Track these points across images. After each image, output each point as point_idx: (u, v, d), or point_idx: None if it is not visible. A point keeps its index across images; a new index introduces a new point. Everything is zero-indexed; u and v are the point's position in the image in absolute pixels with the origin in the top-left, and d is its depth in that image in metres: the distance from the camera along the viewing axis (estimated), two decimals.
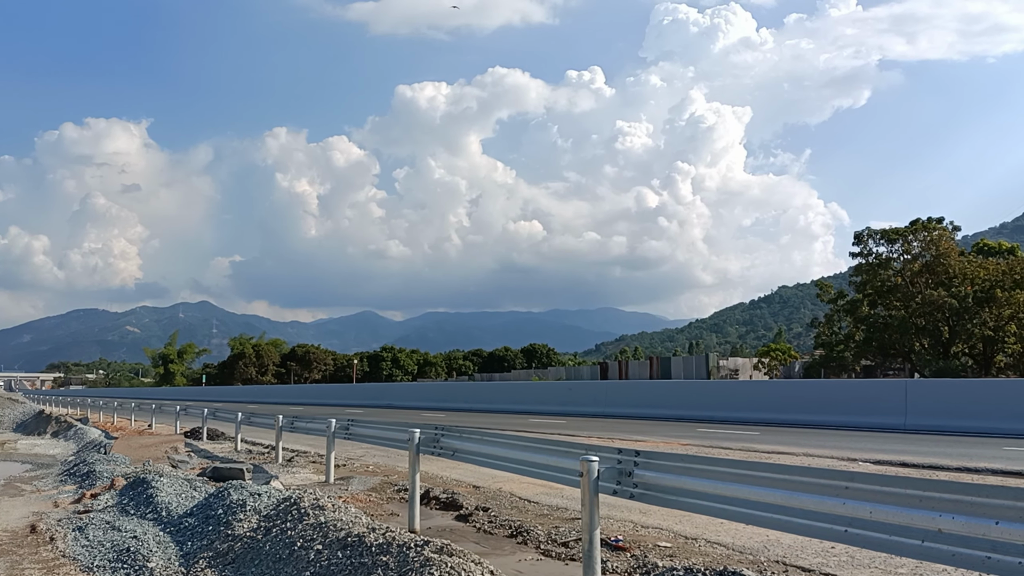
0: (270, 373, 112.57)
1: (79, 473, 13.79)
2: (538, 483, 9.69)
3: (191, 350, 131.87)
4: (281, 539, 5.61)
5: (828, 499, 3.48)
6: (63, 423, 29.82)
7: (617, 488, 4.84)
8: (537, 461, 6.21)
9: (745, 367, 70.79)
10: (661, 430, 18.64)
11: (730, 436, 16.58)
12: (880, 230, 52.20)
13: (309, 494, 6.48)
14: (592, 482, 4.73)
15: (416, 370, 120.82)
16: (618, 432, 18.06)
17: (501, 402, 32.13)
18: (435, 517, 8.18)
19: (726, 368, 69.62)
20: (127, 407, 30.98)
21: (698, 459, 4.60)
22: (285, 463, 13.51)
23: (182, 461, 14.17)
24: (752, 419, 20.68)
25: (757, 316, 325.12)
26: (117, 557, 6.65)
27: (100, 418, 32.11)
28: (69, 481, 13.36)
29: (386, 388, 54.56)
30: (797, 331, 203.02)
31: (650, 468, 4.71)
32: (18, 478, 14.84)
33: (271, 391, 69.95)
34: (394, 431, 9.50)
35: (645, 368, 70.14)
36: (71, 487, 12.55)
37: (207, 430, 19.71)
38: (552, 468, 5.95)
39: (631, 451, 4.92)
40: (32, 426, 32.77)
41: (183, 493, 8.75)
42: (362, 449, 14.88)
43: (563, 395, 30.73)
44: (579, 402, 28.15)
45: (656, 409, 24.33)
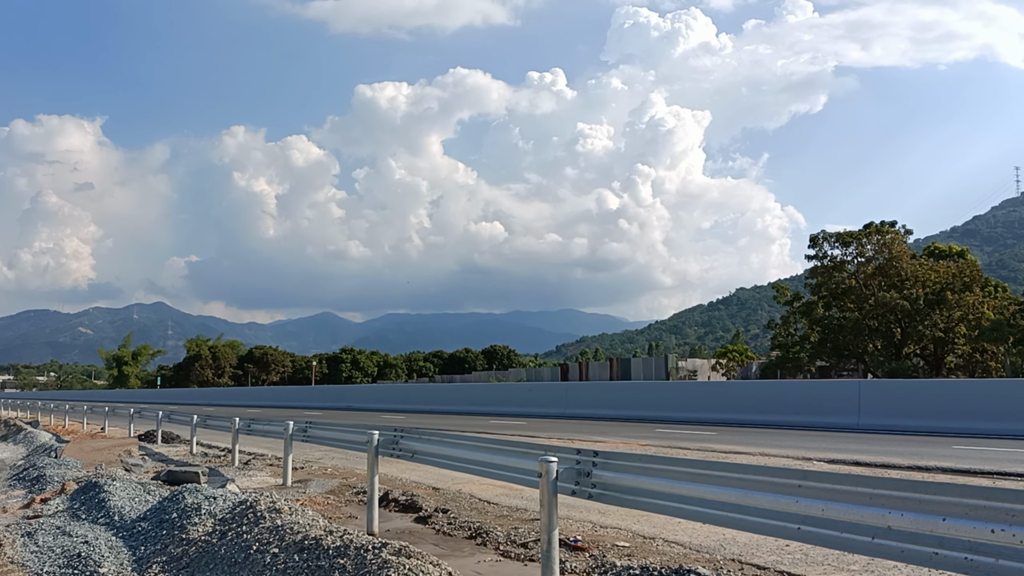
0: (227, 375, 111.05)
1: (28, 477, 13.42)
2: (498, 484, 9.69)
3: (146, 352, 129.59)
4: (237, 543, 5.53)
5: (782, 497, 3.54)
6: (12, 426, 29.04)
7: (576, 488, 4.86)
8: (496, 462, 6.21)
9: (703, 368, 71.69)
10: (621, 431, 18.77)
11: (688, 436, 16.76)
12: (835, 233, 53.34)
13: (265, 497, 6.40)
14: (551, 483, 4.74)
15: (376, 372, 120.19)
16: (578, 433, 18.15)
17: (461, 403, 32.12)
18: (394, 519, 8.14)
19: (685, 369, 70.44)
20: (79, 410, 30.29)
21: (656, 459, 4.64)
22: (242, 466, 13.34)
23: (136, 465, 13.89)
24: (710, 419, 20.93)
25: (716, 318, 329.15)
26: (68, 563, 6.49)
27: (51, 421, 31.39)
28: (18, 486, 13.00)
29: (345, 390, 54.13)
30: (755, 332, 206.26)
31: (608, 468, 4.74)
32: None
33: (228, 393, 68.97)
34: (353, 433, 9.43)
35: (605, 369, 70.58)
36: (20, 492, 12.21)
37: (162, 433, 19.36)
38: (511, 469, 5.96)
39: (589, 451, 4.95)
40: None
41: (136, 497, 8.58)
42: (321, 451, 14.75)
43: (524, 396, 30.81)
44: (540, 403, 28.24)
45: (616, 410, 24.50)
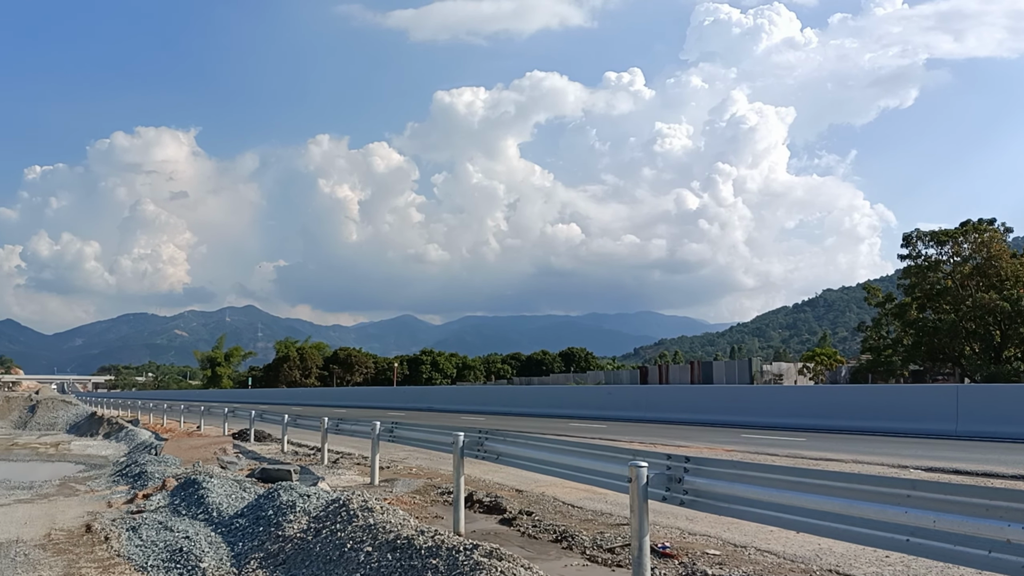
0: (313, 376, 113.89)
1: (131, 474, 14.08)
2: (581, 487, 9.67)
3: (237, 353, 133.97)
4: (331, 540, 5.67)
5: (889, 507, 3.41)
6: (114, 425, 30.48)
7: (667, 494, 4.79)
8: (583, 466, 6.18)
9: (789, 372, 69.81)
10: (704, 435, 18.45)
11: (775, 442, 16.35)
12: (929, 232, 51.17)
13: (357, 496, 6.54)
14: (641, 488, 4.69)
15: (455, 373, 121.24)
16: (660, 437, 17.92)
17: (540, 406, 32.11)
18: (479, 520, 8.19)
19: (770, 373, 68.71)
20: (176, 409, 31.58)
21: (751, 466, 4.54)
22: (331, 465, 13.66)
23: (231, 462, 14.39)
24: (797, 425, 20.37)
25: (801, 320, 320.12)
26: (170, 557, 6.77)
27: (150, 420, 32.78)
28: (122, 482, 13.65)
29: (426, 391, 54.85)
30: (843, 335, 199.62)
31: (701, 474, 4.66)
32: (72, 478, 15.21)
33: (314, 394, 70.79)
34: (438, 434, 9.54)
35: (686, 372, 69.54)
36: (124, 488, 12.82)
37: (254, 432, 20.00)
38: (598, 473, 5.92)
39: (681, 457, 4.87)
40: (85, 428, 33.57)
41: (233, 494, 8.88)
42: (405, 452, 14.98)
43: (602, 399, 30.60)
44: (619, 406, 28.00)
45: (698, 414, 24.09)
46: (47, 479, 14.95)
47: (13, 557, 7.62)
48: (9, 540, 8.52)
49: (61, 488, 13.37)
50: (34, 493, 12.64)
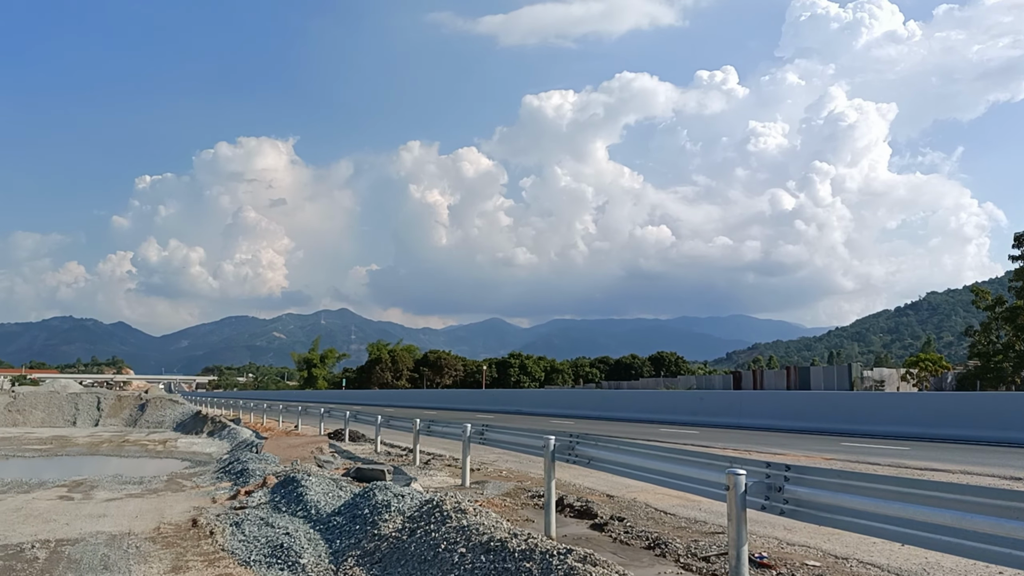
0: (404, 378, 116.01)
1: (233, 471, 14.64)
2: (673, 494, 9.52)
3: (332, 355, 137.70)
4: (426, 541, 5.75)
5: (1008, 522, 3.23)
6: (218, 423, 31.72)
7: (766, 503, 4.68)
8: (676, 472, 6.09)
9: (892, 378, 67.07)
10: (801, 443, 17.92)
11: (877, 451, 15.72)
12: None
13: (450, 497, 6.62)
14: (739, 496, 4.59)
15: (543, 377, 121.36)
16: (754, 444, 17.49)
17: (629, 410, 31.80)
18: (570, 525, 8.17)
19: (871, 379, 66.13)
20: (275, 409, 32.66)
21: (856, 475, 4.37)
22: (422, 465, 13.87)
23: (327, 461, 14.78)
24: (900, 433, 19.54)
25: (903, 324, 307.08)
26: (272, 553, 7.01)
27: (251, 419, 33.99)
28: (225, 478, 14.20)
29: (514, 394, 55.09)
30: (948, 340, 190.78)
31: (802, 483, 4.52)
32: (179, 474, 15.91)
33: (406, 395, 72.07)
34: (528, 437, 9.56)
35: (782, 378, 67.57)
36: (227, 484, 13.34)
37: (349, 432, 20.50)
38: (692, 480, 5.82)
39: (781, 465, 4.74)
40: (190, 426, 35.05)
41: (330, 492, 9.13)
42: (495, 454, 15.08)
43: (694, 404, 30.06)
44: (711, 412, 27.46)
45: (794, 421, 23.41)
46: (156, 475, 15.68)
47: (126, 549, 8.03)
48: (122, 532, 8.99)
49: (169, 484, 13.99)
50: (144, 488, 13.28)
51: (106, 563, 7.41)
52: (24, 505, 11.34)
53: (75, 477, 15.21)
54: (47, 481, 14.38)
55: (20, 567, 7.28)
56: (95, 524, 9.62)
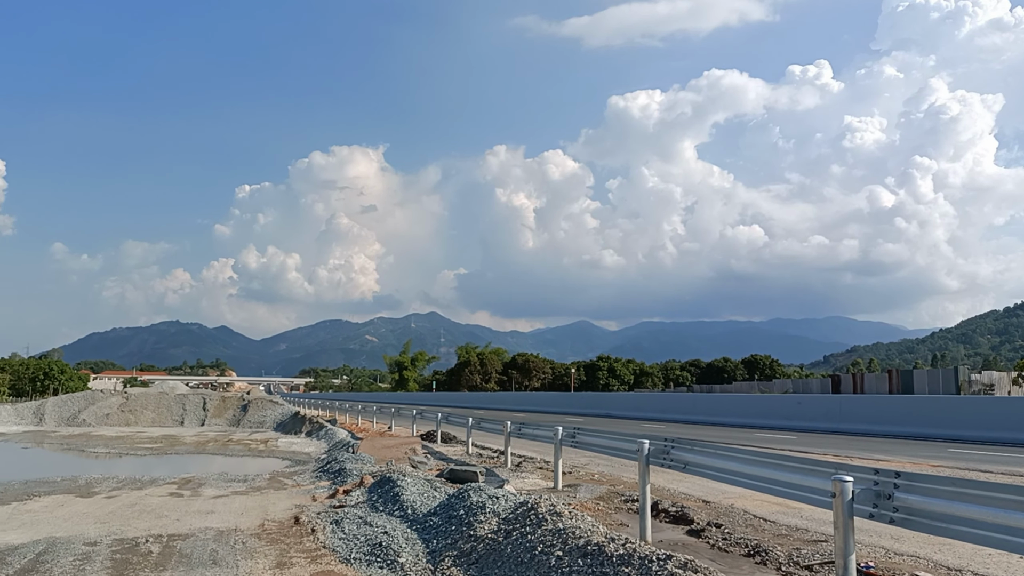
0: (493, 380, 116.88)
1: (331, 470, 15.06)
2: (773, 501, 9.28)
3: (422, 358, 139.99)
4: (522, 543, 5.77)
5: None
6: (315, 424, 32.68)
7: (874, 512, 4.50)
8: (777, 478, 5.92)
9: (1002, 382, 63.57)
10: (904, 449, 17.18)
11: (988, 458, 14.92)
12: None
13: (545, 499, 6.63)
14: (846, 504, 4.43)
15: (632, 380, 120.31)
16: (855, 450, 16.87)
17: (722, 415, 31.15)
18: (665, 530, 8.05)
19: (979, 383, 62.83)
20: (368, 410, 33.41)
21: (972, 483, 4.15)
22: (514, 468, 13.93)
23: (420, 462, 15.03)
24: (1013, 440, 18.51)
25: (1013, 325, 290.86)
26: (371, 551, 7.16)
27: (346, 420, 34.87)
28: (323, 477, 14.62)
29: (603, 397, 54.71)
30: None
31: (913, 491, 4.33)
32: (280, 473, 16.46)
33: (494, 398, 72.58)
34: (621, 441, 9.48)
35: (883, 382, 64.92)
36: (325, 483, 13.72)
37: (441, 433, 20.78)
38: (794, 486, 5.65)
39: (890, 472, 4.55)
40: (289, 426, 36.22)
41: (425, 493, 9.28)
42: (586, 457, 15.01)
43: (790, 409, 29.18)
44: (808, 417, 26.61)
45: (896, 426, 22.47)
46: (258, 473, 16.27)
47: (233, 544, 8.36)
48: (229, 529, 9.36)
49: (271, 482, 14.49)
50: (248, 486, 13.79)
51: (215, 558, 7.73)
52: (138, 501, 11.94)
53: (184, 475, 15.93)
54: (158, 478, 15.11)
55: (136, 560, 7.67)
56: (203, 520, 10.05)
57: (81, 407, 41.94)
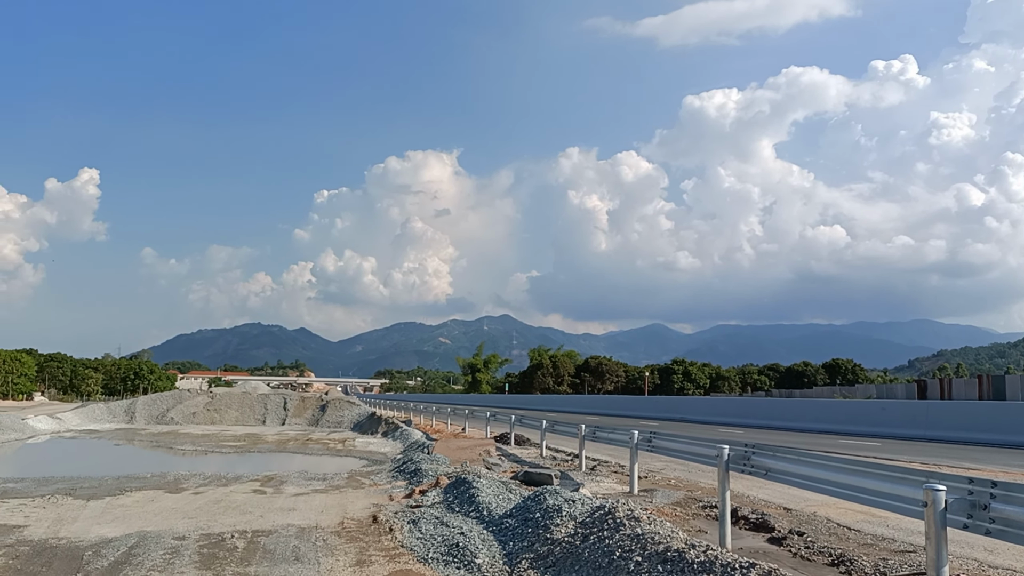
0: (565, 383, 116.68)
1: (407, 470, 15.26)
2: (857, 509, 9.01)
3: (495, 360, 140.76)
4: (599, 547, 5.74)
5: None
6: (391, 424, 33.17)
7: (968, 522, 4.32)
8: (863, 486, 5.74)
9: None
10: (997, 457, 16.45)
11: None
12: None
13: (622, 504, 6.57)
14: (939, 514, 4.26)
15: (708, 384, 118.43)
16: (943, 458, 16.22)
17: (802, 420, 30.36)
18: (745, 538, 7.90)
19: None
20: (443, 412, 33.76)
21: None
22: (588, 471, 13.87)
23: (495, 464, 15.10)
24: None
25: None
26: (448, 551, 7.23)
27: (421, 421, 35.32)
28: (400, 477, 14.83)
29: (678, 401, 53.99)
30: None
31: (1011, 502, 4.14)
32: (358, 472, 16.75)
33: (567, 400, 72.42)
34: (700, 446, 9.33)
35: (973, 387, 62.20)
36: (402, 483, 13.92)
37: (514, 436, 20.84)
38: (882, 495, 5.47)
39: (985, 481, 4.36)
40: (366, 426, 36.85)
41: (500, 495, 9.32)
42: (662, 462, 14.84)
43: (874, 415, 28.26)
44: (892, 423, 25.73)
45: (988, 434, 21.53)
46: (337, 472, 16.60)
47: (314, 541, 8.56)
48: (310, 526, 9.59)
49: (349, 480, 14.77)
50: (327, 484, 14.09)
51: (297, 554, 7.93)
52: (223, 497, 12.34)
53: (266, 472, 16.39)
54: (242, 476, 15.58)
55: (222, 555, 7.92)
56: (285, 517, 10.32)
57: (169, 406, 43.57)
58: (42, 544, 8.53)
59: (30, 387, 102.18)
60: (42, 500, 11.91)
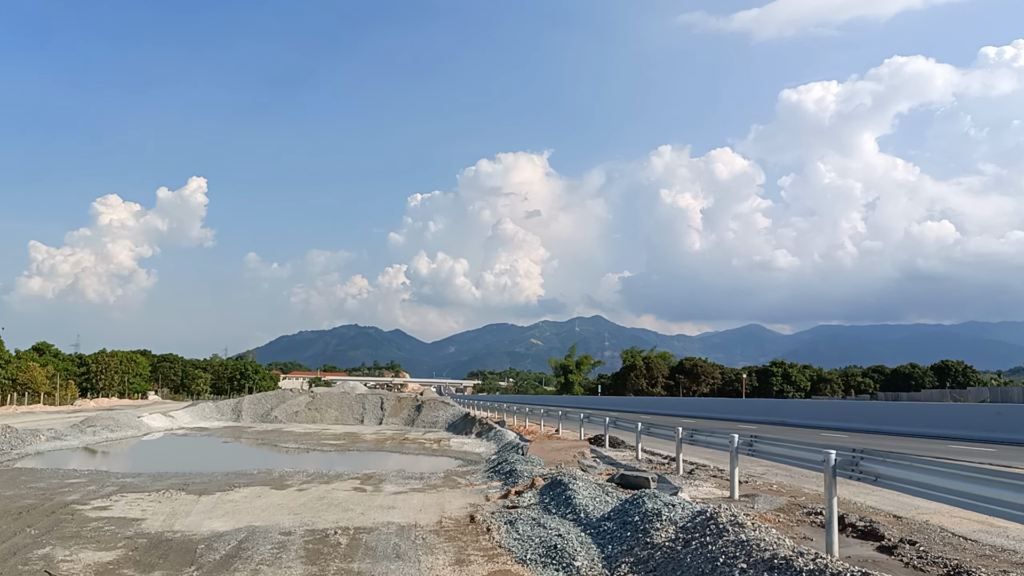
0: (659, 385, 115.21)
1: (502, 471, 15.37)
2: (974, 518, 8.59)
3: (587, 362, 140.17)
4: (702, 553, 5.63)
5: None
6: (485, 425, 33.48)
7: None
8: (983, 494, 5.45)
9: None
10: None
11: None
12: None
13: (725, 509, 6.43)
14: None
15: (809, 387, 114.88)
16: None
17: (910, 424, 29.06)
18: (853, 546, 7.62)
19: None
20: (536, 413, 33.83)
21: None
22: (686, 475, 13.64)
23: (590, 466, 15.03)
24: None
25: None
26: (546, 553, 7.23)
27: (514, 422, 35.50)
28: (495, 478, 14.94)
29: (778, 404, 52.52)
30: None
31: None
32: (454, 472, 16.98)
33: (661, 403, 71.45)
34: (804, 450, 9.05)
35: None
36: (497, 483, 14.02)
37: (608, 438, 20.70)
38: (1003, 503, 5.20)
39: None
40: (460, 427, 37.30)
41: (597, 497, 9.26)
42: (762, 467, 14.47)
43: (988, 419, 26.80)
44: (1009, 428, 24.35)
45: None
46: (433, 471, 16.87)
47: (414, 540, 8.72)
48: (409, 524, 9.78)
49: (446, 480, 14.98)
50: (424, 483, 14.33)
51: (398, 552, 8.09)
52: (326, 495, 12.71)
53: (365, 471, 16.79)
54: (342, 473, 16.02)
55: (326, 551, 8.17)
56: (385, 515, 10.55)
57: (273, 405, 45.21)
58: (158, 537, 8.98)
59: (145, 386, 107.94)
60: (158, 495, 12.54)
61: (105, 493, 12.67)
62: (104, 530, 9.36)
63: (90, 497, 12.17)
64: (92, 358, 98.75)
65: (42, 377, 70.50)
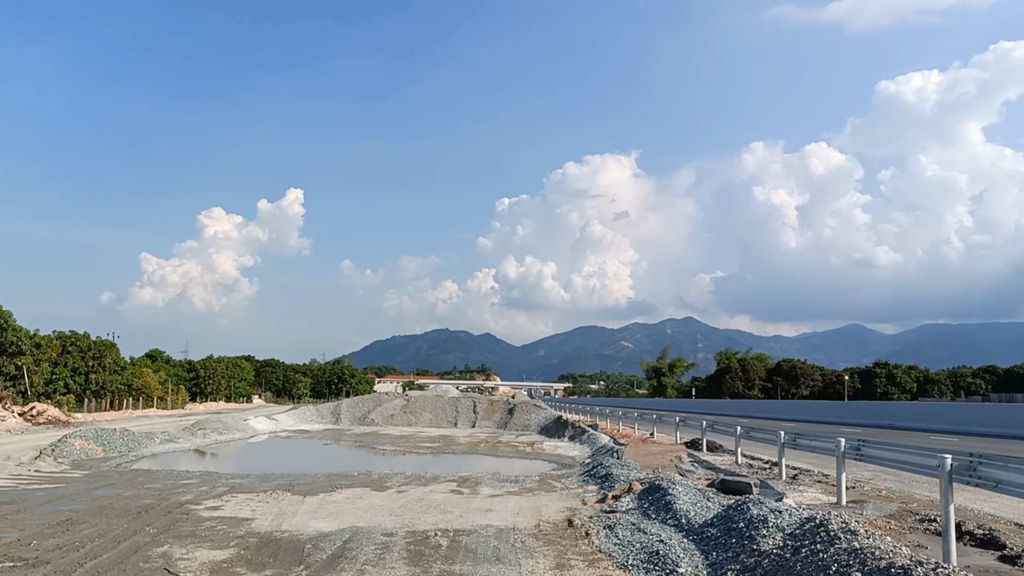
0: (756, 388, 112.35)
1: (598, 475, 15.27)
2: None
3: (680, 364, 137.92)
4: (812, 561, 5.45)
5: None
6: (577, 428, 33.38)
7: None
8: None
9: None
10: None
11: None
12: None
13: (835, 515, 6.22)
14: None
15: (915, 388, 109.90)
16: None
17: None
18: (972, 555, 7.25)
19: None
20: (629, 416, 33.51)
21: None
22: (789, 480, 13.27)
23: (688, 471, 14.78)
24: None
25: None
26: (648, 559, 7.14)
27: (607, 425, 35.26)
28: (590, 482, 14.87)
29: (883, 407, 50.34)
30: None
31: None
32: (548, 475, 16.99)
33: (758, 406, 69.62)
34: (915, 455, 8.67)
35: None
36: (593, 487, 13.95)
37: (706, 442, 20.32)
38: None
39: None
40: (552, 430, 37.32)
41: (697, 503, 9.09)
42: (869, 472, 13.95)
43: None
44: None
45: None
46: (527, 474, 16.92)
47: (512, 543, 8.76)
48: (507, 527, 9.83)
49: (541, 483, 15.00)
50: (520, 486, 14.39)
51: (498, 555, 8.15)
52: (424, 496, 12.93)
53: (461, 473, 16.99)
54: (439, 476, 16.25)
55: (428, 552, 8.30)
56: (483, 518, 10.65)
57: (370, 408, 46.29)
58: (268, 536, 9.32)
59: (249, 391, 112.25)
60: (265, 495, 13.01)
61: (216, 493, 13.23)
62: (217, 529, 9.78)
63: (203, 497, 12.73)
64: (200, 364, 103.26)
65: (155, 383, 74.17)
